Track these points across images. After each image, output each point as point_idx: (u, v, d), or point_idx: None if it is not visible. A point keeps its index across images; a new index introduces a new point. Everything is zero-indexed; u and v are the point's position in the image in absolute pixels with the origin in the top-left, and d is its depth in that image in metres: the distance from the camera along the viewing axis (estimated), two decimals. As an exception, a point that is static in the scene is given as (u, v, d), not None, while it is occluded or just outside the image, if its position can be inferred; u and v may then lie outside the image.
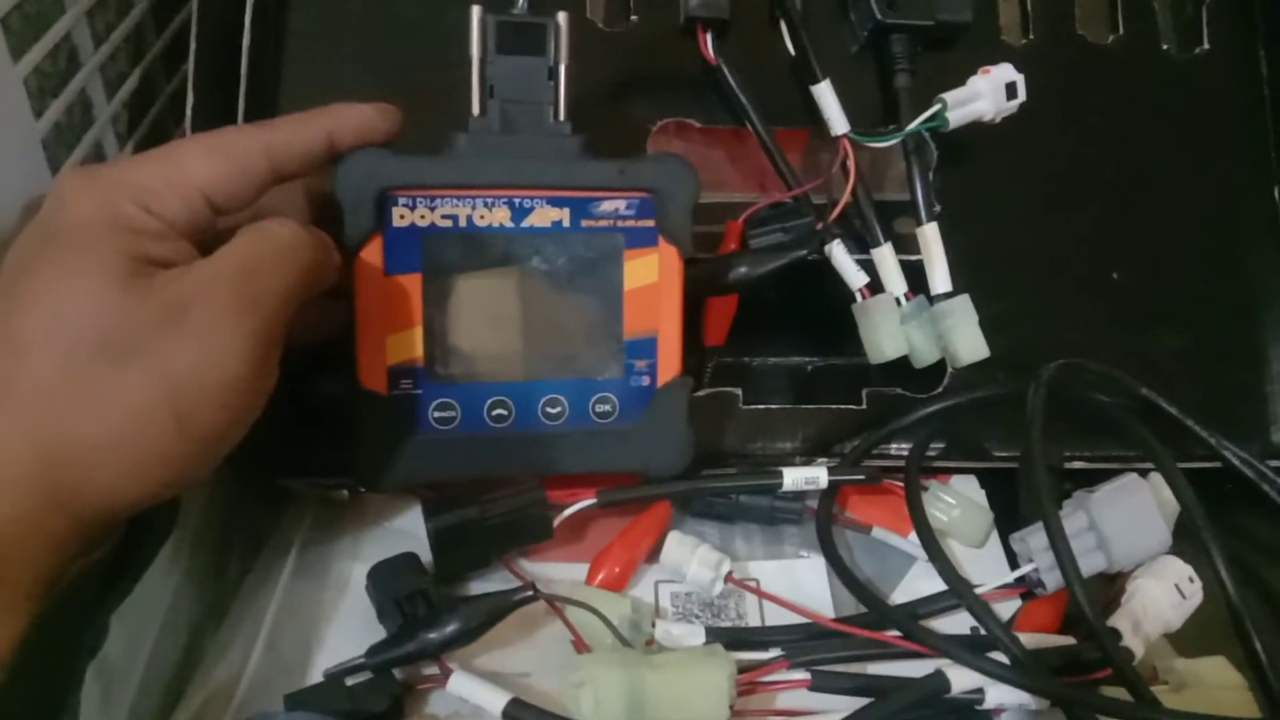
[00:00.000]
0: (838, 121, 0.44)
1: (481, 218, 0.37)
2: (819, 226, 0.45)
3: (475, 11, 0.36)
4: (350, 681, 0.34)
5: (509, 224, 0.37)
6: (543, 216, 0.38)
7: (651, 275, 0.39)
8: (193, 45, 0.42)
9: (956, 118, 0.44)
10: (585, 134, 0.38)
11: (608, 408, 0.39)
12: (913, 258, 0.45)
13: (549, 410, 0.39)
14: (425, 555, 0.38)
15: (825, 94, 0.44)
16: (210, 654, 0.36)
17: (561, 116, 0.38)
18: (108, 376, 0.28)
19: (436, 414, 0.38)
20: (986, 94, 0.44)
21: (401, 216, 0.36)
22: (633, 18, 0.46)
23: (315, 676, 0.35)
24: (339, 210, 0.36)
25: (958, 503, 0.43)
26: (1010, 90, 0.44)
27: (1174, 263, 0.49)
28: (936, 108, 0.44)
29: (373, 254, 0.36)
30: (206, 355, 0.29)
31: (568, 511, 0.39)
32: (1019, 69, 0.44)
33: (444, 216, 0.37)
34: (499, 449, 0.39)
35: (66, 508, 0.28)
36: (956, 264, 0.45)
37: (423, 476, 0.38)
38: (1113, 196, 0.49)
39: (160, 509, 0.32)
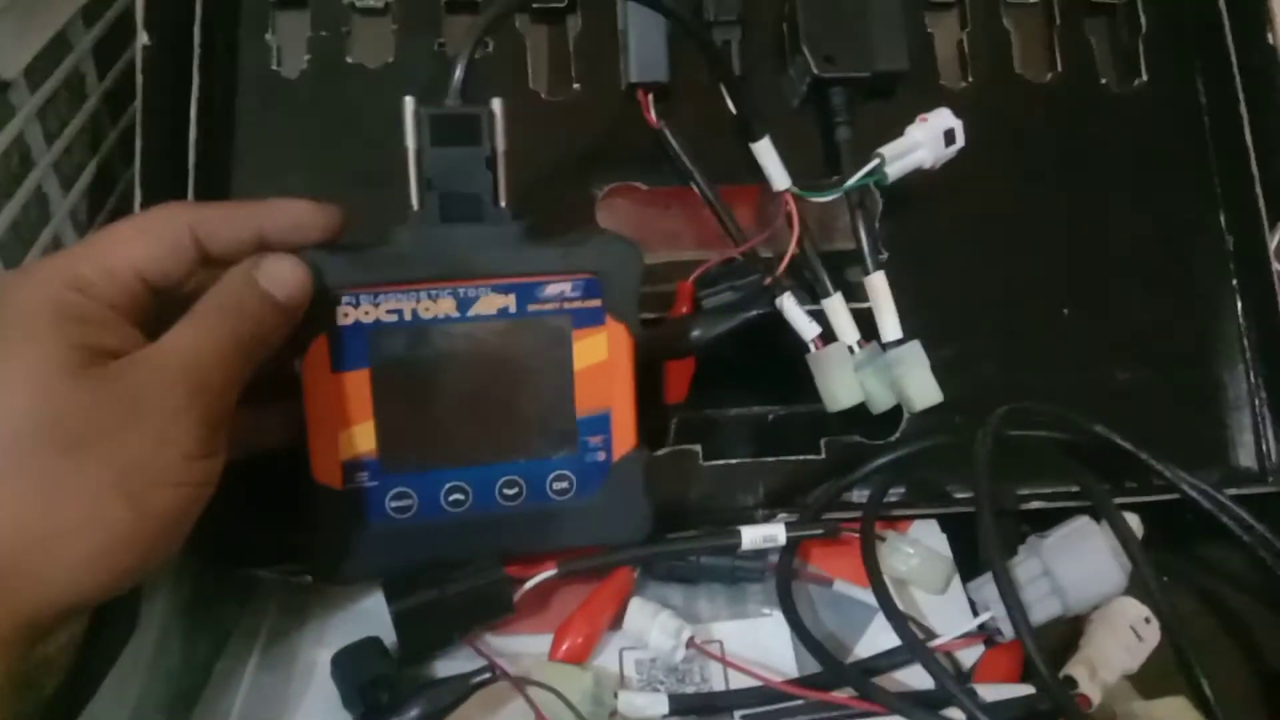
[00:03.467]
0: (778, 178, 0.45)
1: (427, 310, 0.37)
2: (767, 282, 0.45)
3: (409, 104, 0.36)
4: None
5: (455, 314, 0.38)
6: (489, 304, 0.38)
7: (601, 354, 0.39)
8: (139, 143, 0.42)
9: (896, 170, 0.45)
10: (526, 218, 0.38)
11: (565, 485, 0.40)
12: (867, 305, 0.46)
13: (506, 492, 0.39)
14: (392, 636, 0.38)
15: (765, 151, 0.45)
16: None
17: (502, 203, 0.37)
18: (59, 468, 0.28)
19: (393, 504, 0.38)
20: (925, 143, 0.44)
21: (346, 315, 0.36)
22: (575, 86, 0.47)
23: (284, 770, 0.36)
24: None
25: (916, 552, 0.44)
26: (949, 137, 0.45)
27: (1125, 296, 0.50)
28: (875, 163, 0.44)
29: (319, 353, 0.36)
30: (157, 439, 0.30)
31: (528, 584, 0.39)
32: (959, 113, 0.45)
33: (389, 311, 0.37)
34: (458, 533, 0.39)
35: (14, 611, 0.28)
36: (910, 309, 0.45)
37: (383, 566, 0.39)
38: (1060, 233, 0.50)
39: (120, 607, 0.32)
